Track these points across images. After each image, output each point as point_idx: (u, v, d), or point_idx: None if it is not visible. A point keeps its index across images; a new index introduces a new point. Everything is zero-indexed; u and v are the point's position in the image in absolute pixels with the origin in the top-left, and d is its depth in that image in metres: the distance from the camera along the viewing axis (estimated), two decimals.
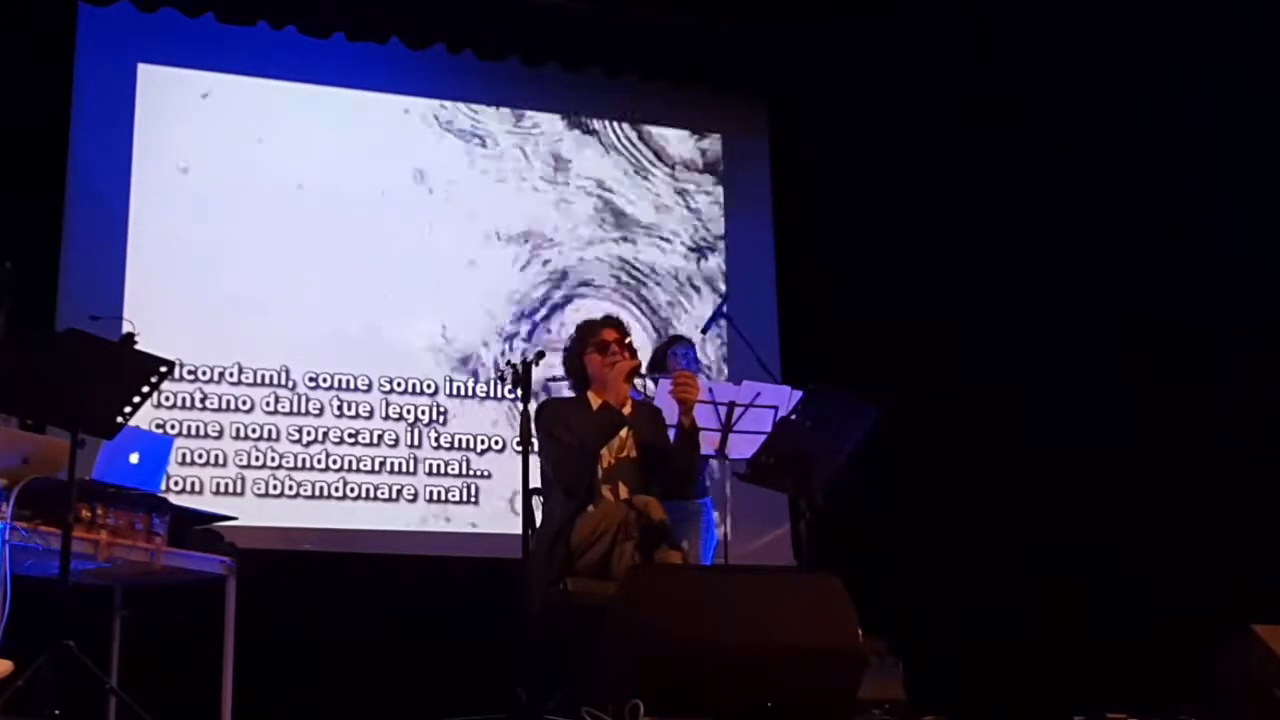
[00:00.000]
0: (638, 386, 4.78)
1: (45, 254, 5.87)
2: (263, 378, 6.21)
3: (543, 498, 4.52)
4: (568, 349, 4.71)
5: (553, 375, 4.81)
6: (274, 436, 6.17)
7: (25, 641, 3.88)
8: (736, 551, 5.38)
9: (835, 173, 6.93)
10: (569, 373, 4.72)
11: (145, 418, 5.33)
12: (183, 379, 6.02)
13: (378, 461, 6.29)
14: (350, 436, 6.28)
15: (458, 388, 6.49)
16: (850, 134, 6.91)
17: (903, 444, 5.75)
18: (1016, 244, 6.69)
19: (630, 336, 4.68)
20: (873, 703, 4.71)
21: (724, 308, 6.51)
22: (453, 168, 6.75)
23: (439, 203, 6.68)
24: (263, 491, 6.10)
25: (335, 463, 6.23)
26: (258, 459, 6.13)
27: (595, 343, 4.60)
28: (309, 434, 6.23)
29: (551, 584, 4.23)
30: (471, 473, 6.42)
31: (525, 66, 6.85)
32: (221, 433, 6.11)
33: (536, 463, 4.48)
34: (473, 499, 6.39)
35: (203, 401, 6.11)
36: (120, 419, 4.05)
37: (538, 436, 4.40)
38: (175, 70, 6.37)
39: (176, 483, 5.87)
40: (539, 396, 4.70)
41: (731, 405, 4.70)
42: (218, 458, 6.07)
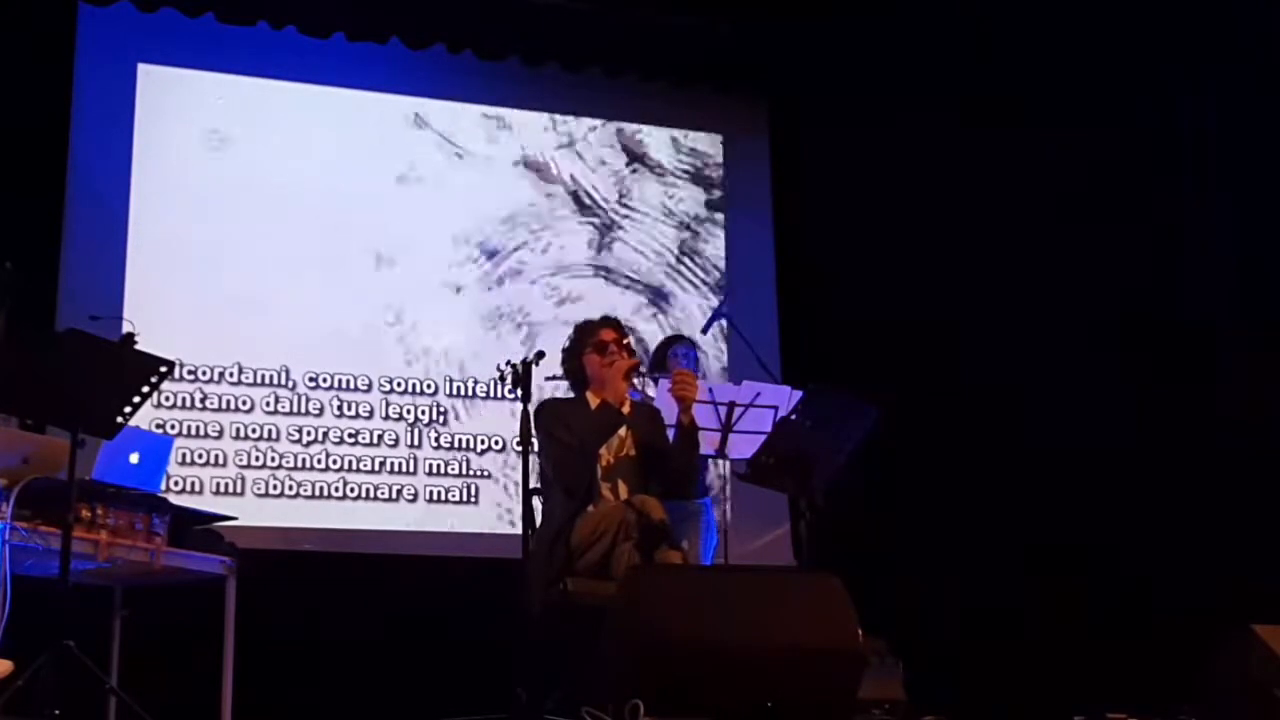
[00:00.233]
0: (636, 386, 4.78)
1: (45, 254, 5.87)
2: (263, 378, 6.21)
3: (542, 498, 4.52)
4: (566, 349, 4.71)
5: (552, 374, 4.80)
6: (274, 436, 6.17)
7: (25, 641, 3.88)
8: (736, 551, 5.38)
9: (835, 173, 6.93)
10: (567, 373, 4.72)
11: (145, 418, 5.33)
12: (183, 379, 6.02)
13: (378, 461, 6.29)
14: (350, 436, 6.28)
15: (458, 388, 6.50)
16: (850, 134, 6.91)
17: (903, 444, 5.75)
18: (1016, 244, 6.69)
19: (628, 336, 4.68)
20: (873, 703, 4.71)
21: (724, 308, 6.51)
22: (453, 167, 6.75)
23: (439, 202, 6.68)
24: (263, 491, 6.10)
25: (335, 463, 6.23)
26: (258, 459, 6.13)
27: (593, 343, 4.61)
28: (309, 434, 6.23)
29: (551, 584, 4.23)
30: (471, 473, 6.42)
31: (525, 66, 6.85)
32: (221, 433, 6.11)
33: (536, 463, 4.48)
34: (473, 499, 6.39)
35: (203, 401, 6.11)
36: (120, 419, 4.05)
37: (537, 436, 4.41)
38: (175, 70, 6.37)
39: (176, 483, 5.87)
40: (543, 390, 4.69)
41: (731, 405, 4.70)
42: (218, 458, 6.08)
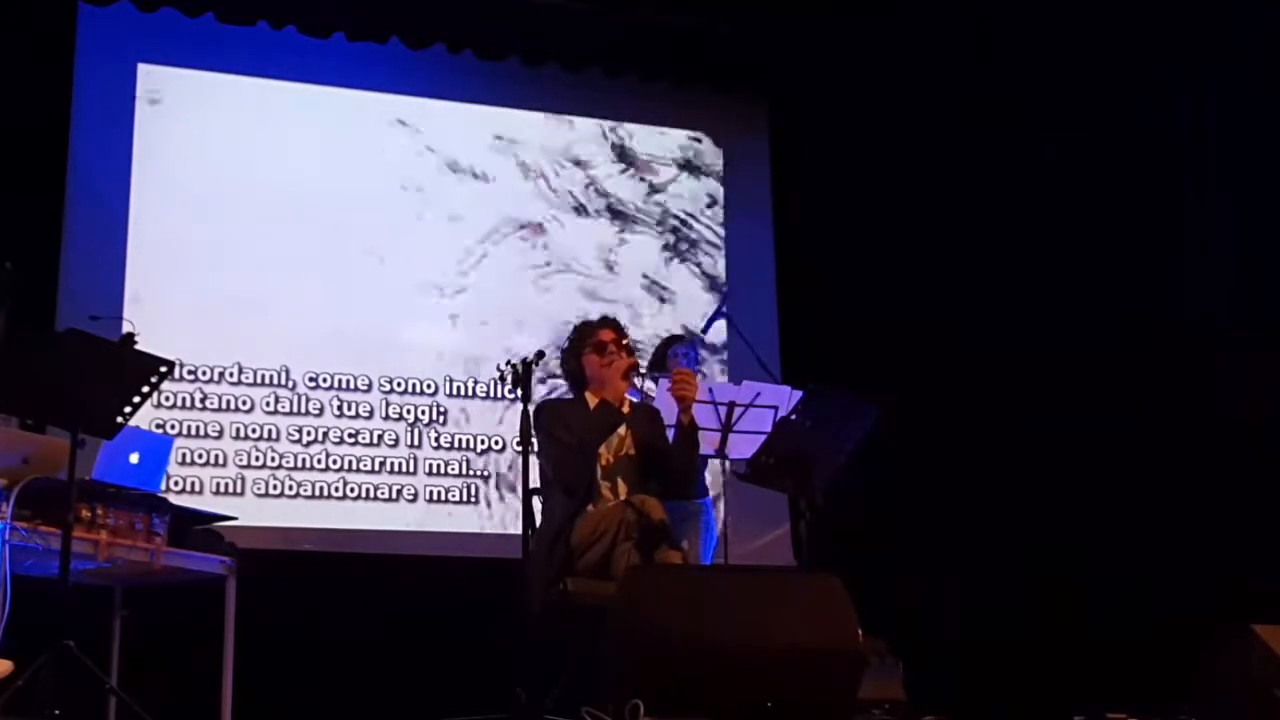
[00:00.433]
0: (636, 385, 4.77)
1: (45, 254, 5.87)
2: (263, 378, 6.21)
3: (542, 498, 4.52)
4: (565, 350, 4.71)
5: (552, 372, 4.80)
6: (274, 436, 6.17)
7: (25, 641, 3.88)
8: (736, 551, 5.38)
9: (835, 173, 6.92)
10: (566, 374, 4.72)
11: (145, 418, 5.33)
12: (183, 379, 6.02)
13: (378, 461, 6.29)
14: (350, 436, 6.27)
15: (458, 388, 6.49)
16: (850, 134, 6.90)
17: (903, 444, 5.75)
18: (1016, 244, 6.69)
19: (627, 337, 4.68)
20: (873, 703, 4.72)
21: (724, 308, 6.50)
22: (453, 167, 6.74)
23: (439, 202, 6.68)
24: (263, 491, 6.10)
25: (335, 463, 6.23)
26: (258, 459, 6.13)
27: (593, 343, 4.60)
28: (309, 434, 6.22)
29: (551, 584, 4.23)
30: (471, 473, 6.42)
31: (525, 66, 6.85)
32: (221, 433, 6.11)
33: (536, 462, 4.48)
34: (473, 499, 6.39)
35: (203, 401, 6.11)
36: (120, 419, 4.05)
37: (537, 436, 4.40)
38: (175, 70, 6.37)
39: (176, 483, 5.87)
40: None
41: (731, 405, 4.70)
42: (218, 458, 6.07)
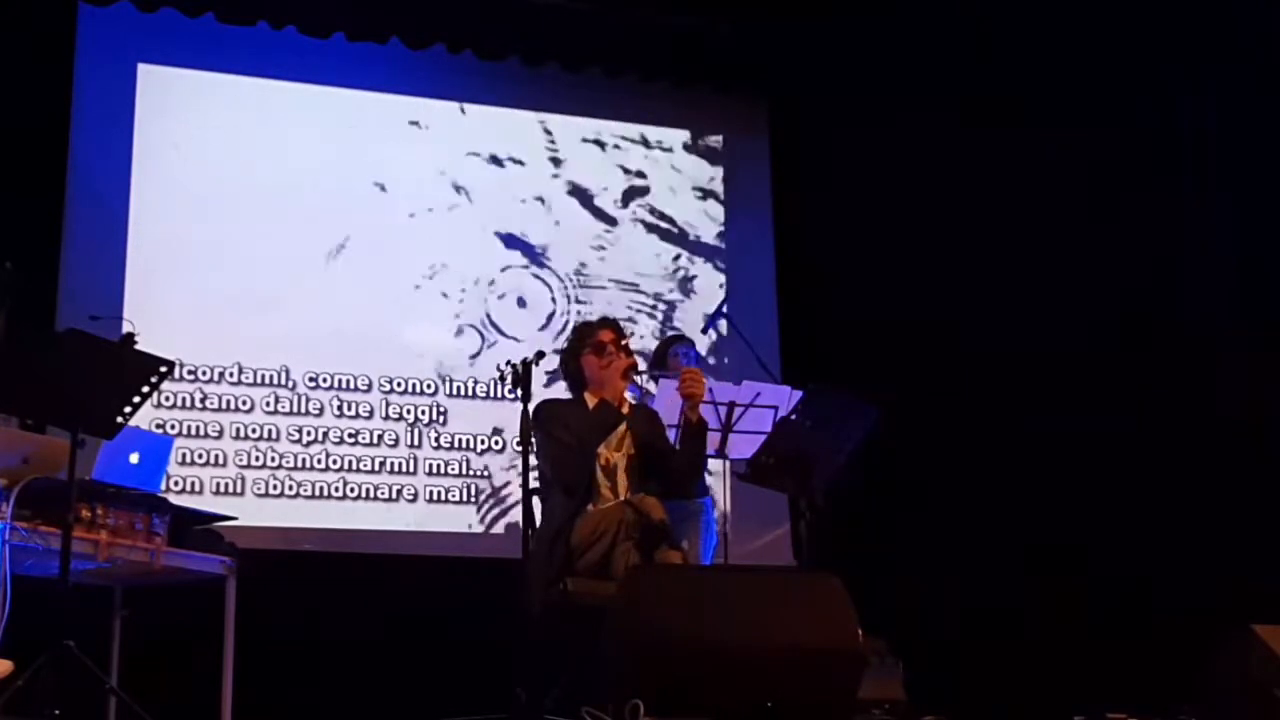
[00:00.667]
0: (637, 382, 4.77)
1: (45, 254, 5.87)
2: (263, 378, 6.21)
3: (542, 498, 4.52)
4: (564, 350, 4.71)
5: (551, 369, 4.80)
6: (274, 436, 6.17)
7: (25, 641, 3.88)
8: (736, 551, 5.38)
9: (835, 173, 6.92)
10: (566, 374, 4.71)
11: (145, 418, 5.34)
12: (183, 379, 6.02)
13: (378, 461, 6.29)
14: (350, 436, 6.27)
15: (458, 388, 6.49)
16: (850, 134, 6.90)
17: (903, 444, 5.75)
18: (1016, 244, 6.69)
19: (627, 338, 4.68)
20: (873, 703, 4.71)
21: (724, 308, 6.51)
22: (453, 167, 6.74)
23: (439, 202, 6.68)
24: (263, 491, 6.10)
25: (335, 463, 6.23)
26: (258, 459, 6.13)
27: (592, 344, 4.60)
28: (309, 434, 6.22)
29: (551, 584, 4.23)
30: (471, 473, 6.42)
31: (525, 66, 6.85)
32: (221, 433, 6.11)
33: (536, 462, 4.48)
34: (473, 499, 6.39)
35: (203, 401, 6.11)
36: (120, 419, 4.05)
37: (536, 436, 4.40)
38: (175, 70, 6.37)
39: (176, 483, 5.87)
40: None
41: (731, 405, 4.70)
42: (218, 458, 6.07)
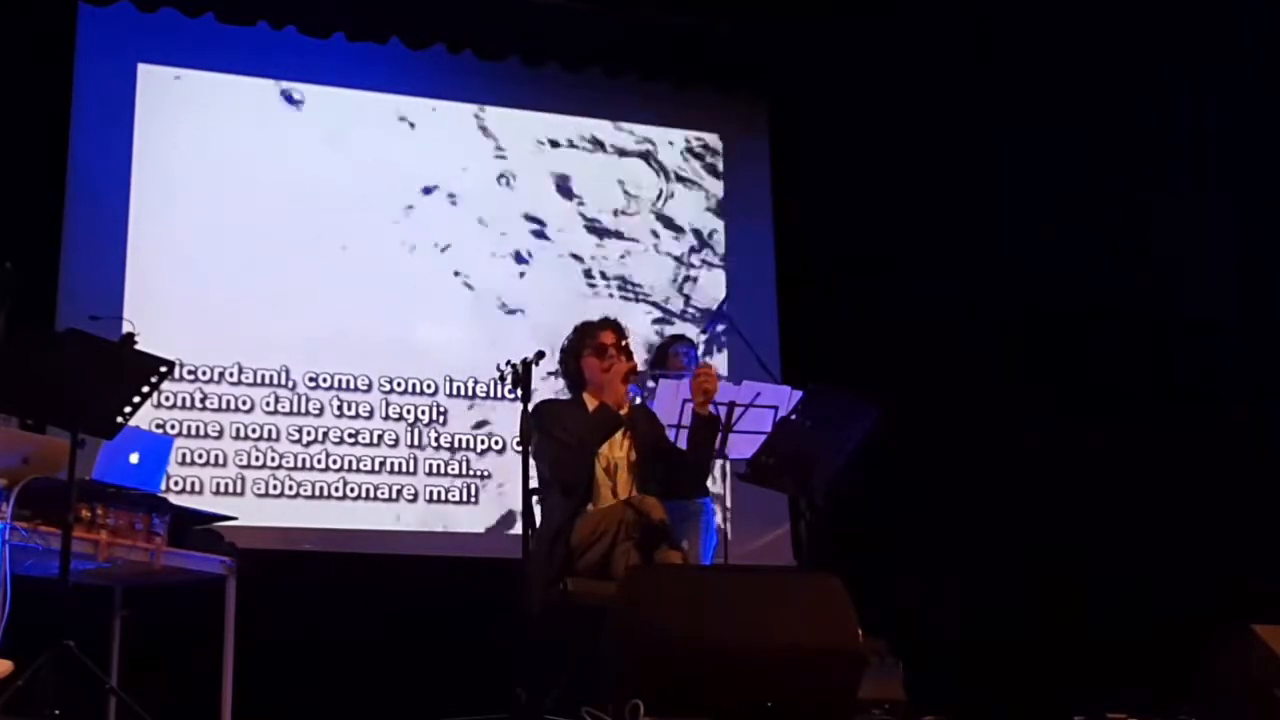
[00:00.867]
0: (638, 383, 4.76)
1: (45, 254, 5.86)
2: (263, 378, 6.21)
3: (541, 498, 4.51)
4: (565, 349, 4.70)
5: (550, 369, 4.80)
6: (274, 436, 6.17)
7: (25, 641, 3.88)
8: (736, 551, 5.38)
9: (835, 173, 6.92)
10: (565, 374, 4.71)
11: (145, 418, 5.33)
12: (183, 379, 6.02)
13: (378, 461, 6.29)
14: (350, 436, 6.27)
15: (458, 388, 6.49)
16: (850, 134, 6.90)
17: (903, 444, 5.74)
18: (1016, 244, 6.69)
19: (628, 338, 4.67)
20: (873, 703, 4.71)
21: (724, 308, 6.51)
22: (453, 167, 6.74)
23: (439, 202, 6.67)
24: (263, 491, 6.10)
25: (335, 463, 6.23)
26: (258, 459, 6.13)
27: (593, 346, 4.59)
28: (309, 434, 6.22)
29: (551, 584, 4.23)
30: (471, 473, 6.42)
31: (525, 66, 6.85)
32: (221, 433, 6.11)
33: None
34: (473, 499, 6.39)
35: (203, 401, 6.11)
36: (120, 419, 4.05)
37: (535, 436, 4.39)
38: (175, 70, 6.37)
39: (176, 483, 5.87)
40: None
41: (731, 405, 4.70)
42: (218, 458, 6.07)
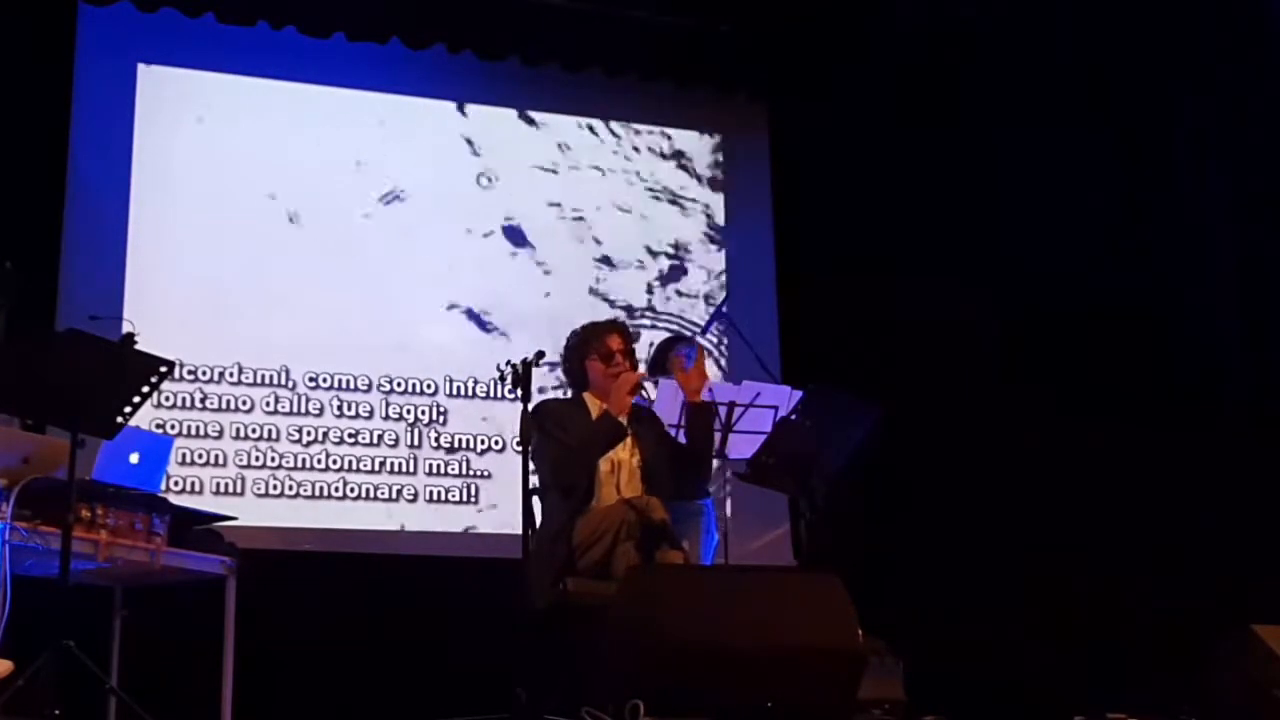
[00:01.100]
0: (643, 395, 4.73)
1: (45, 254, 5.86)
2: (263, 378, 6.21)
3: (541, 498, 4.51)
4: (569, 348, 4.69)
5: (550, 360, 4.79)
6: (274, 436, 6.17)
7: (25, 641, 3.88)
8: (736, 551, 5.38)
9: (835, 173, 6.92)
10: (568, 373, 4.70)
11: (145, 418, 5.33)
12: (183, 379, 6.02)
13: (378, 461, 6.29)
14: (350, 436, 6.27)
15: (458, 388, 6.49)
16: (850, 134, 6.90)
17: (903, 444, 5.74)
18: (1016, 244, 6.69)
19: (634, 342, 4.66)
20: (873, 703, 4.72)
21: (724, 308, 6.51)
22: (453, 167, 6.74)
23: (439, 201, 6.67)
24: (263, 491, 6.10)
25: (335, 463, 6.23)
26: (258, 459, 6.13)
27: (599, 350, 4.57)
28: (309, 434, 6.22)
29: (552, 584, 4.23)
30: (471, 473, 6.42)
31: (525, 66, 6.84)
32: (221, 433, 6.11)
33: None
34: (473, 499, 6.39)
35: (203, 401, 6.11)
36: (120, 419, 4.05)
37: (535, 436, 4.39)
38: (175, 70, 6.36)
39: (176, 483, 5.87)
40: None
41: (731, 405, 4.70)
42: (218, 458, 6.07)
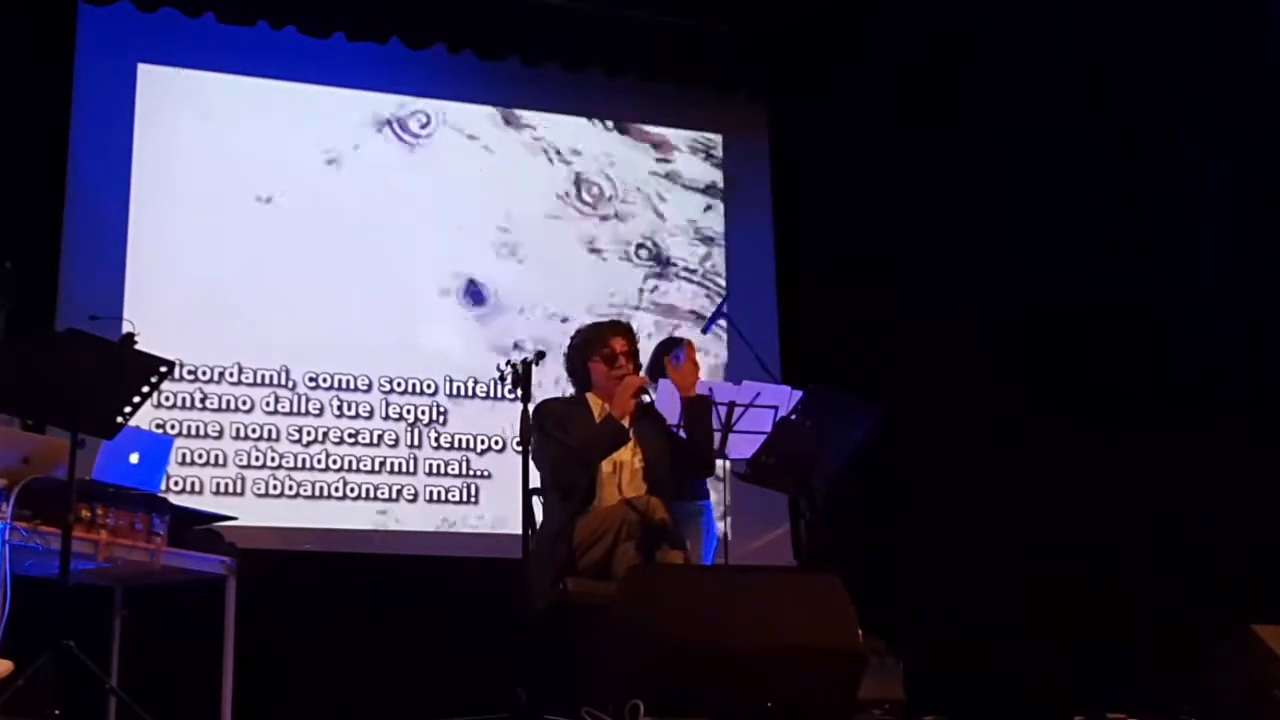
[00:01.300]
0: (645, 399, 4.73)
1: (45, 254, 5.86)
2: (263, 378, 6.21)
3: (542, 498, 4.51)
4: (573, 347, 4.69)
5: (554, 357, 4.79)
6: (274, 436, 6.17)
7: (25, 641, 3.88)
8: (736, 551, 5.39)
9: (835, 173, 6.92)
10: (571, 372, 4.70)
11: (145, 418, 5.33)
12: (183, 379, 6.01)
13: (378, 461, 6.29)
14: (350, 436, 6.27)
15: (458, 388, 6.49)
16: (850, 134, 6.90)
17: (903, 443, 5.74)
18: (1016, 244, 6.69)
19: (637, 343, 4.65)
20: (873, 703, 4.72)
21: (724, 308, 6.50)
22: (454, 167, 6.74)
23: (439, 201, 6.67)
24: (263, 491, 6.10)
25: (335, 463, 6.23)
26: (258, 459, 6.13)
27: (602, 352, 4.57)
28: (309, 434, 6.22)
29: (552, 584, 4.23)
30: (471, 473, 6.42)
31: (525, 66, 6.84)
32: (221, 433, 6.11)
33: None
34: (473, 499, 6.39)
35: (203, 401, 6.11)
36: (120, 419, 4.05)
37: (536, 437, 4.39)
38: (175, 70, 6.36)
39: (176, 483, 5.87)
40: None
41: (731, 405, 4.70)
42: (218, 458, 6.07)
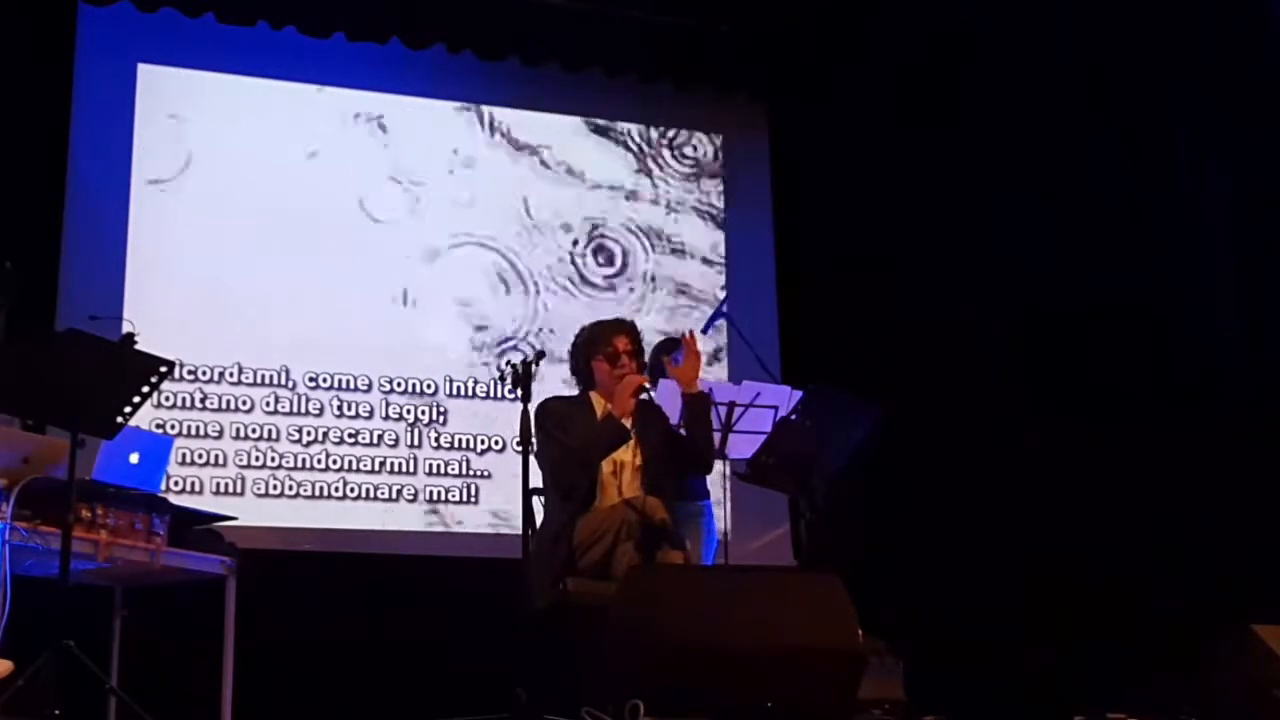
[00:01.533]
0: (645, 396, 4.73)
1: (45, 254, 5.86)
2: (263, 378, 6.21)
3: (543, 498, 4.52)
4: (576, 345, 4.69)
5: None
6: (274, 436, 6.17)
7: (25, 641, 3.88)
8: (736, 551, 5.38)
9: (835, 173, 6.92)
10: (574, 370, 4.70)
11: (145, 418, 5.33)
12: (183, 379, 6.02)
13: (378, 461, 6.29)
14: (350, 436, 6.27)
15: (458, 388, 6.49)
16: (850, 134, 6.90)
17: (902, 444, 5.74)
18: (1016, 244, 6.69)
19: (641, 342, 4.65)
20: (873, 703, 4.72)
21: (724, 308, 6.51)
22: (453, 166, 6.74)
23: (439, 201, 6.67)
24: (263, 491, 6.10)
25: (335, 463, 6.23)
26: (258, 459, 6.13)
27: (605, 351, 4.57)
28: (309, 434, 6.22)
29: (552, 584, 4.23)
30: (471, 473, 6.42)
31: (525, 66, 6.84)
32: (221, 433, 6.11)
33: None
34: (473, 499, 6.39)
35: (203, 401, 6.11)
36: (120, 419, 4.05)
37: (537, 436, 4.39)
38: (175, 70, 6.36)
39: (176, 483, 5.87)
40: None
41: (731, 405, 4.70)
42: (218, 458, 6.07)
